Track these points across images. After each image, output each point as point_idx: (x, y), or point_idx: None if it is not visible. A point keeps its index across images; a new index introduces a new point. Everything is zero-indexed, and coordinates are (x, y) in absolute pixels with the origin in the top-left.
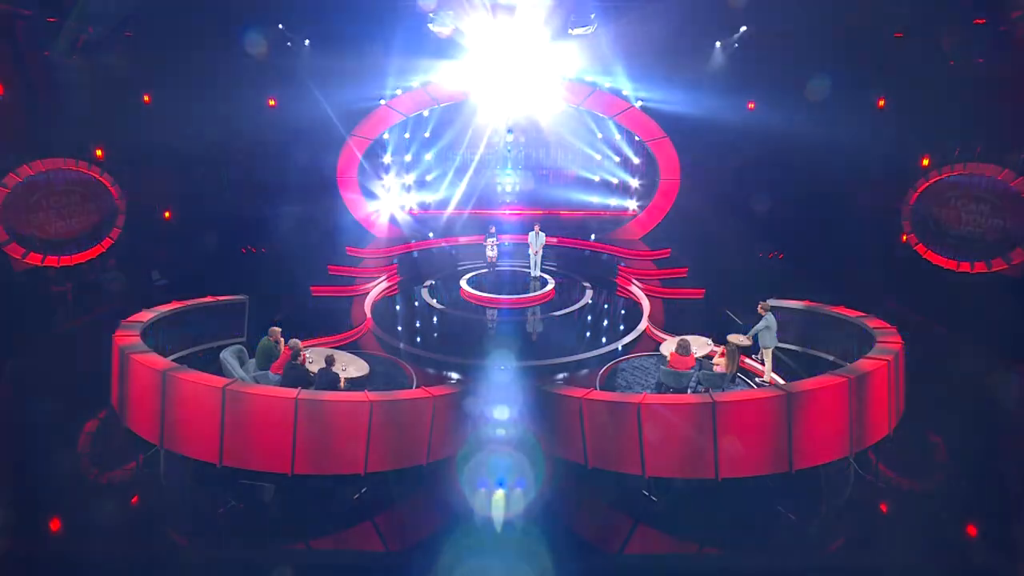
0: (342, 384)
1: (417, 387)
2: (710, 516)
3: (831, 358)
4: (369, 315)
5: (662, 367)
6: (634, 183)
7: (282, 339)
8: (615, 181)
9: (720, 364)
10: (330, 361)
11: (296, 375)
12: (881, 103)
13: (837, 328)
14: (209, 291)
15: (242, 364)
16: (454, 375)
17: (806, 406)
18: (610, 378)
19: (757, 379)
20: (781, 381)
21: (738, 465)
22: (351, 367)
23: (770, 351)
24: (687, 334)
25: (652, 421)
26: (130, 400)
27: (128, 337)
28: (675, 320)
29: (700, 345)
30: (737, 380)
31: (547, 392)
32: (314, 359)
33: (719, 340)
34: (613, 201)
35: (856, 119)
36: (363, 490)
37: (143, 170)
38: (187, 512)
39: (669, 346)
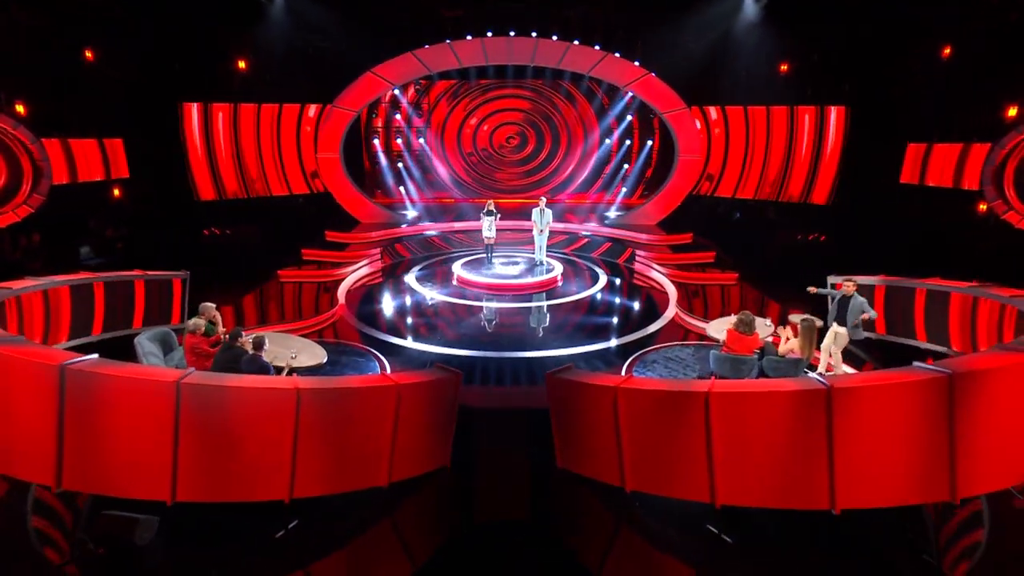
0: (285, 373)
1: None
2: (810, 565)
3: (924, 344)
4: (342, 302)
5: (714, 352)
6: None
7: (219, 316)
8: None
9: (794, 347)
10: (259, 344)
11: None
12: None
13: (931, 305)
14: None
15: (168, 352)
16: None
17: (978, 397)
18: (636, 373)
19: (827, 374)
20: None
21: (871, 491)
22: (303, 354)
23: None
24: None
25: (728, 420)
26: None
27: None
28: (708, 307)
29: (759, 327)
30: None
31: (565, 381)
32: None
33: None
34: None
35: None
36: (290, 525)
37: (82, 134)
38: (39, 559)
39: (723, 324)
